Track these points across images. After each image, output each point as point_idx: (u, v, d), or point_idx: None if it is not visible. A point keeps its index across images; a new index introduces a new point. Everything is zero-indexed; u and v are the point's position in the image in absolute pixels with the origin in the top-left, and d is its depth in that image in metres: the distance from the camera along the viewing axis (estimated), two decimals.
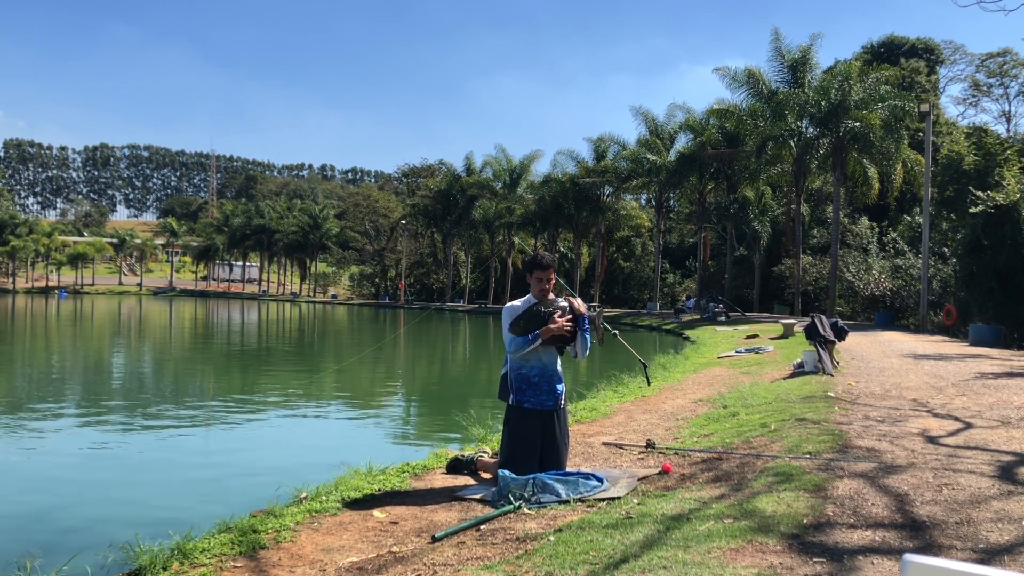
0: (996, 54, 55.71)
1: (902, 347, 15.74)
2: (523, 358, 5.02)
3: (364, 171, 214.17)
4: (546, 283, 5.06)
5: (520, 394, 5.03)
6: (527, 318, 4.99)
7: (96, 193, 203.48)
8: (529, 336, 4.95)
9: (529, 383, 5.03)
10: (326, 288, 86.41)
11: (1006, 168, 21.36)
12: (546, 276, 5.07)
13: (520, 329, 4.99)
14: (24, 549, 4.99)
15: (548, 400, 5.03)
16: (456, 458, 5.67)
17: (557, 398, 5.08)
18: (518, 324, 4.98)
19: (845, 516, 3.68)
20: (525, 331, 4.98)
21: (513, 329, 5.00)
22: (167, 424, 10.51)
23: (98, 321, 39.67)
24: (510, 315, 5.03)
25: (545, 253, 5.19)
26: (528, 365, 5.05)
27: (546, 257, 5.12)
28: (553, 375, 5.08)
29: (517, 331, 4.98)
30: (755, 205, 41.04)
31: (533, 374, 5.05)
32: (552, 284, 5.09)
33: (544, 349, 5.02)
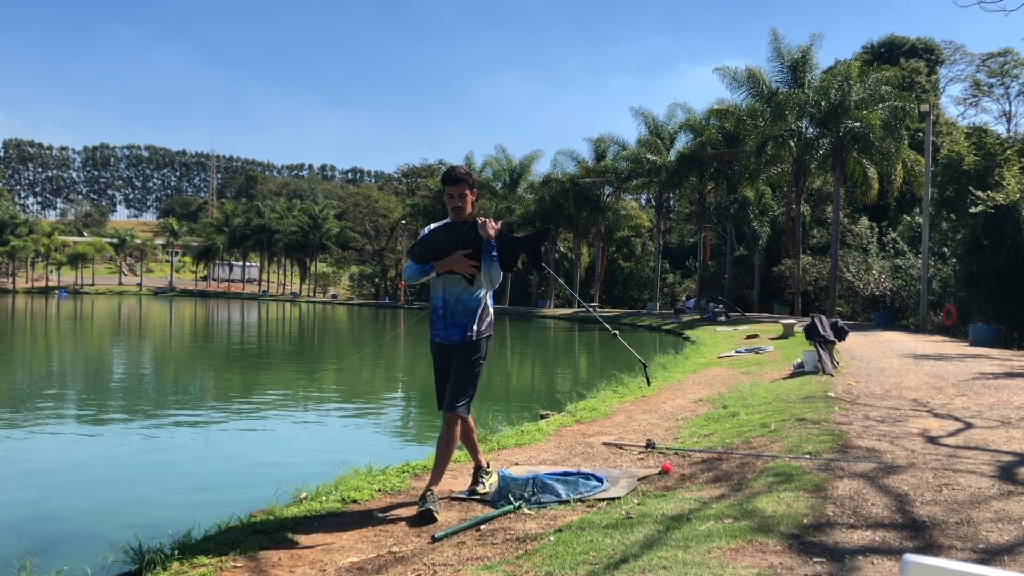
0: (996, 54, 55.73)
1: (902, 347, 15.74)
2: (433, 288, 4.55)
3: (364, 171, 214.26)
4: (458, 200, 4.43)
5: (431, 326, 4.58)
6: (423, 243, 4.39)
7: (96, 193, 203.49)
8: (425, 267, 4.40)
9: (436, 314, 4.55)
10: (326, 288, 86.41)
11: (1006, 168, 21.37)
12: (457, 192, 4.43)
13: (415, 255, 4.43)
14: (24, 549, 4.99)
15: (454, 333, 4.47)
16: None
17: (465, 332, 4.46)
18: (412, 251, 4.45)
19: (845, 516, 3.68)
20: (420, 258, 4.40)
21: (409, 253, 4.50)
22: (167, 424, 10.51)
23: (98, 321, 39.66)
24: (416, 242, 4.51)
25: (458, 166, 4.54)
26: (436, 295, 4.55)
27: (457, 170, 4.46)
28: (458, 306, 4.47)
29: (412, 256, 4.46)
30: (755, 205, 41.05)
31: (439, 305, 4.54)
32: (470, 202, 4.44)
33: (447, 278, 4.44)
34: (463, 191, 4.42)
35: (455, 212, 4.43)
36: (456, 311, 4.46)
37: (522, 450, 6.37)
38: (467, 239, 4.35)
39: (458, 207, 4.42)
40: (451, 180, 4.42)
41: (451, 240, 4.34)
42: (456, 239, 4.34)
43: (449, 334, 4.47)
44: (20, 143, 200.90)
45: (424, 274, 4.39)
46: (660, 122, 43.68)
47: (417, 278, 4.45)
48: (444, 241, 4.34)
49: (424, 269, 4.39)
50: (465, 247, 4.33)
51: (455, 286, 4.45)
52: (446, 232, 4.38)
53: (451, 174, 4.43)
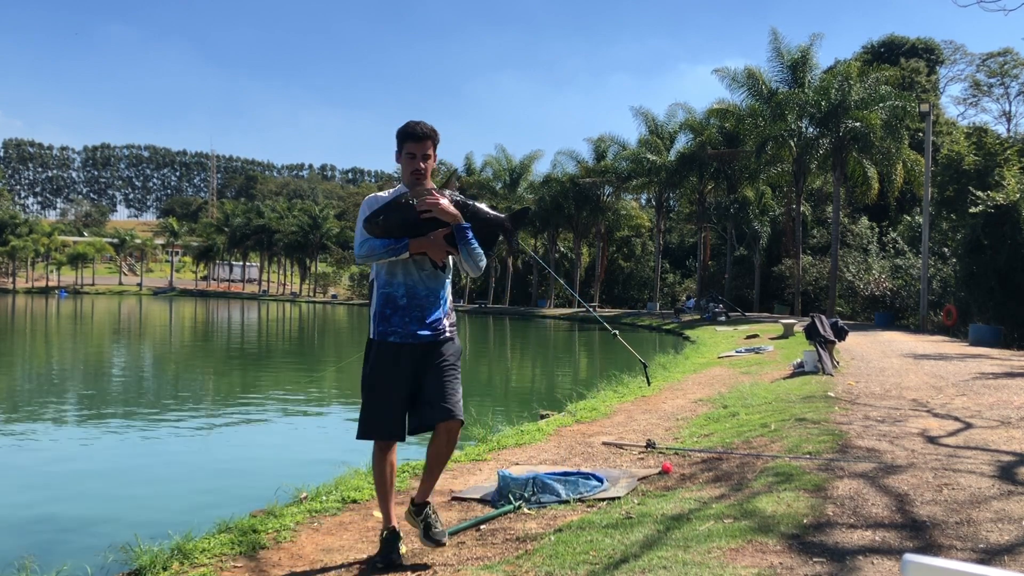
0: (996, 54, 55.71)
1: (902, 347, 15.74)
2: (390, 273, 3.57)
3: (364, 171, 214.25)
4: (420, 161, 3.54)
5: (383, 322, 3.58)
6: (390, 212, 3.43)
7: (96, 193, 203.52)
8: (392, 241, 3.44)
9: (392, 306, 3.57)
10: (326, 288, 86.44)
11: (1006, 168, 21.36)
12: (420, 151, 3.54)
13: (378, 227, 3.42)
14: (24, 549, 4.98)
15: (422, 329, 3.56)
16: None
17: (436, 327, 3.61)
18: (375, 220, 3.42)
19: (845, 516, 3.68)
20: (386, 231, 3.43)
21: (369, 226, 3.43)
22: (167, 424, 10.51)
23: (98, 321, 39.66)
24: (369, 207, 3.50)
25: (421, 121, 3.60)
26: (394, 282, 3.58)
27: (422, 125, 3.56)
28: (428, 296, 3.60)
29: (374, 229, 3.43)
30: (755, 205, 41.05)
31: (398, 294, 3.57)
32: (431, 166, 3.59)
33: (410, 261, 3.55)
34: (428, 150, 3.56)
35: (414, 176, 3.54)
36: (426, 302, 3.58)
37: (522, 450, 6.37)
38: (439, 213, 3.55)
39: (418, 171, 3.53)
40: (415, 136, 3.52)
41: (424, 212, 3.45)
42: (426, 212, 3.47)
43: (416, 330, 3.57)
44: (20, 143, 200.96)
45: (393, 253, 3.45)
46: (660, 122, 43.70)
47: (380, 256, 3.47)
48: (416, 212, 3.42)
49: (394, 246, 3.44)
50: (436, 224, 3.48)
51: (420, 270, 3.57)
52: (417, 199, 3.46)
53: (416, 128, 3.53)
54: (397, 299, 3.58)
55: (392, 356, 3.55)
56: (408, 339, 3.55)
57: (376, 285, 3.65)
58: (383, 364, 3.57)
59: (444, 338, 3.64)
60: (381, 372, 3.56)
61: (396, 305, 3.57)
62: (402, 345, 3.55)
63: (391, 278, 3.60)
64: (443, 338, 3.63)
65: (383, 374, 3.56)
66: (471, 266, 3.56)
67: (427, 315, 3.58)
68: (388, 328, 3.57)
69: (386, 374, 3.55)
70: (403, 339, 3.55)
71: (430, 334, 3.58)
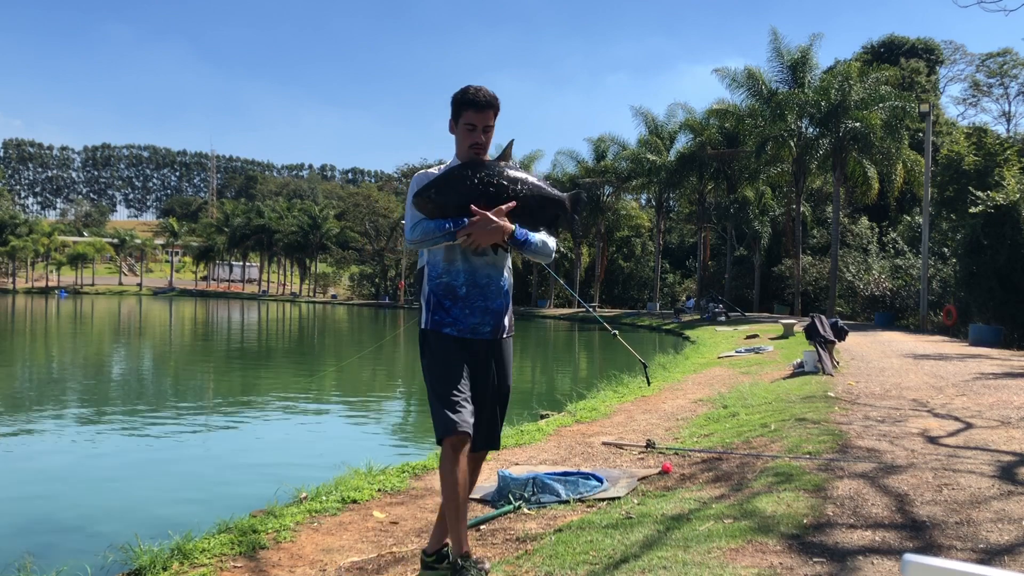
0: (996, 54, 55.73)
1: (902, 347, 15.74)
2: (446, 259, 3.12)
3: (364, 171, 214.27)
4: (481, 134, 3.06)
5: (440, 311, 3.13)
6: (443, 186, 2.98)
7: (96, 193, 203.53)
8: (445, 225, 2.98)
9: (453, 296, 3.13)
10: (326, 288, 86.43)
11: (1006, 168, 21.37)
12: (481, 122, 3.05)
13: (431, 203, 2.97)
14: (24, 549, 4.98)
15: (484, 324, 3.14)
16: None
17: (498, 321, 3.19)
18: (427, 194, 2.97)
19: (845, 516, 3.68)
20: (440, 209, 2.97)
21: (419, 201, 2.99)
22: (167, 424, 10.51)
23: (98, 321, 39.67)
24: (418, 184, 3.07)
25: (482, 87, 3.07)
26: (454, 268, 3.13)
27: (483, 91, 3.05)
28: (491, 285, 3.16)
29: (425, 206, 2.99)
30: (755, 205, 41.07)
31: (458, 281, 3.13)
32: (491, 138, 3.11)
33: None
34: (489, 120, 3.06)
35: (474, 150, 3.06)
36: (487, 291, 3.15)
37: (522, 450, 6.37)
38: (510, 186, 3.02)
39: (479, 143, 3.05)
40: (475, 104, 3.01)
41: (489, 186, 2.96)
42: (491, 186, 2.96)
43: (476, 323, 3.12)
44: (20, 143, 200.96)
45: (449, 236, 2.97)
46: (660, 122, 43.72)
47: (436, 240, 3.00)
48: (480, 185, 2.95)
49: (449, 227, 2.96)
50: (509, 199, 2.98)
51: (481, 254, 3.11)
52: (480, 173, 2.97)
53: (477, 95, 3.02)
54: (457, 288, 3.12)
55: (447, 348, 3.12)
56: (466, 334, 3.12)
57: (429, 272, 3.18)
58: (444, 351, 3.12)
59: (505, 337, 3.25)
60: (444, 358, 3.10)
61: (456, 295, 3.13)
62: (458, 339, 3.13)
63: (449, 264, 3.13)
64: (504, 336, 3.24)
65: (446, 359, 3.10)
66: (540, 257, 3.19)
67: (489, 306, 3.16)
68: (445, 318, 3.13)
69: (450, 359, 3.10)
70: (461, 333, 3.12)
71: (490, 331, 3.17)
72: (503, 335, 3.23)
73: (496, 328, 3.18)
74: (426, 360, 3.17)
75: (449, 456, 2.96)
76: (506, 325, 3.24)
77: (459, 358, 3.09)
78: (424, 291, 3.22)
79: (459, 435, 2.94)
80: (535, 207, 3.09)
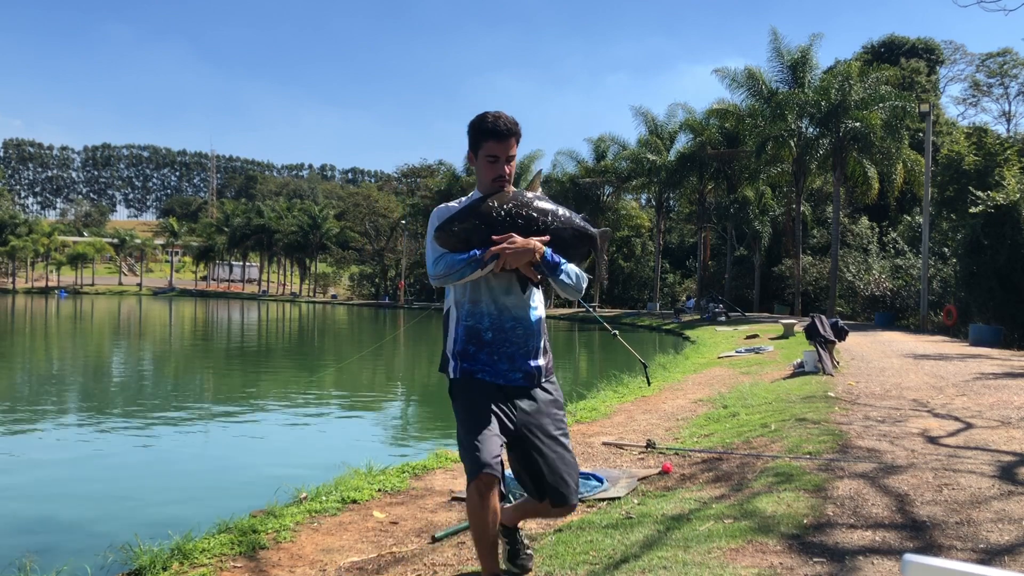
0: (996, 54, 55.74)
1: (902, 347, 15.74)
2: (470, 300, 2.87)
3: (363, 171, 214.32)
4: (504, 165, 2.80)
5: (467, 360, 2.87)
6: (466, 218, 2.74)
7: (96, 193, 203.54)
8: (471, 254, 2.72)
9: (479, 341, 2.86)
10: (326, 288, 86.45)
11: (1006, 168, 21.37)
12: (504, 152, 2.79)
13: (453, 237, 2.73)
14: (24, 549, 4.98)
15: (513, 371, 2.87)
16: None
17: (529, 368, 2.90)
18: (449, 228, 2.73)
19: (845, 516, 3.68)
20: (464, 242, 2.73)
21: (441, 235, 2.75)
22: (167, 424, 10.51)
23: (98, 321, 39.67)
24: (439, 218, 2.82)
25: (501, 113, 2.82)
26: (478, 310, 2.87)
27: (503, 119, 2.79)
28: (519, 328, 2.87)
29: (448, 240, 2.74)
30: (755, 205, 41.08)
31: (483, 325, 2.86)
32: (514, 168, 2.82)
33: (502, 281, 2.83)
34: (512, 149, 2.81)
35: (497, 183, 2.81)
36: (513, 335, 2.87)
37: None
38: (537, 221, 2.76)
39: (502, 176, 2.79)
40: (496, 133, 2.76)
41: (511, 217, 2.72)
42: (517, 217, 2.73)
43: (506, 369, 2.87)
44: (20, 143, 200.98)
45: (479, 265, 2.71)
46: (660, 122, 43.71)
47: (462, 272, 2.73)
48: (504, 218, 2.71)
49: (473, 260, 2.71)
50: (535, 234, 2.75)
51: (506, 294, 2.86)
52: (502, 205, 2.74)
53: (498, 124, 2.76)
54: (482, 332, 2.86)
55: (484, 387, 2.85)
56: (499, 379, 2.86)
57: (455, 315, 2.92)
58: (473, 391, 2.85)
59: (542, 384, 2.93)
60: (472, 398, 2.83)
61: (481, 340, 2.86)
62: (492, 384, 2.85)
63: (474, 306, 2.87)
64: (542, 384, 2.93)
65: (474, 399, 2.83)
66: (570, 291, 2.88)
67: (517, 352, 2.87)
68: (474, 365, 2.86)
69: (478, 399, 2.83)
70: (494, 379, 2.85)
71: (522, 377, 2.88)
72: (540, 382, 2.93)
73: (528, 375, 2.89)
74: (456, 405, 2.90)
75: (474, 498, 2.72)
76: (541, 370, 2.93)
77: (490, 398, 2.82)
78: (448, 338, 2.95)
79: (484, 476, 2.67)
80: (568, 241, 2.85)
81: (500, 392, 2.84)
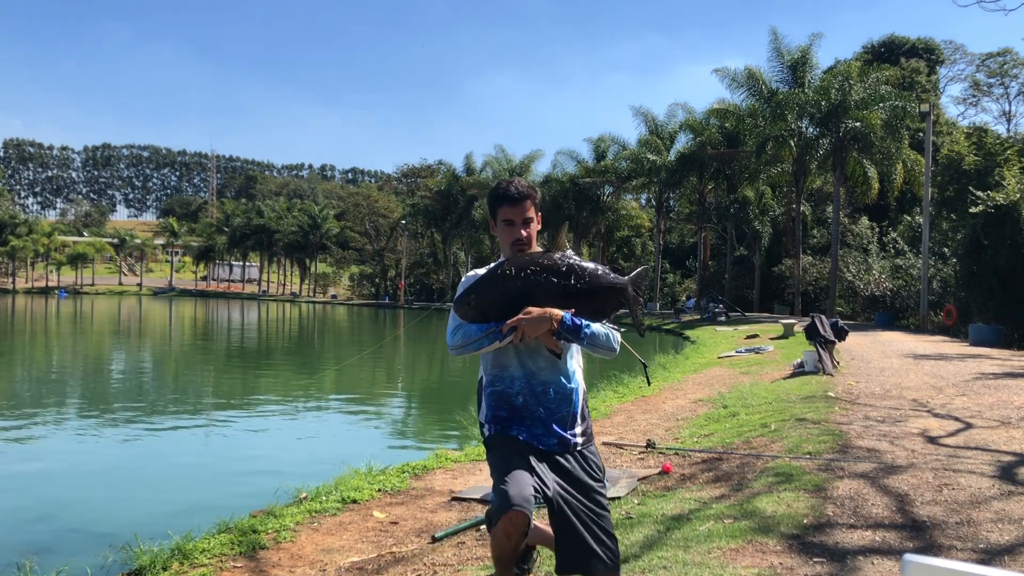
0: (996, 54, 55.73)
1: (902, 347, 15.74)
2: (498, 365, 2.80)
3: (363, 171, 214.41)
4: (521, 229, 2.78)
5: (498, 423, 2.81)
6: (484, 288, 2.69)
7: (96, 193, 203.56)
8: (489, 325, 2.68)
9: (510, 407, 2.78)
10: (326, 288, 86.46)
11: (1006, 168, 21.37)
12: (518, 215, 2.78)
13: (471, 309, 2.69)
14: (24, 549, 4.98)
15: (547, 436, 2.76)
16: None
17: (562, 434, 2.77)
18: (467, 300, 2.70)
19: (845, 516, 3.68)
20: (482, 313, 2.68)
21: (460, 308, 2.73)
22: (167, 424, 10.51)
23: (98, 321, 39.67)
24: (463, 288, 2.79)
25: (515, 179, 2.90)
26: (507, 375, 2.79)
27: (516, 184, 2.82)
28: (549, 392, 2.77)
29: (467, 312, 2.71)
30: (755, 205, 41.08)
31: (513, 389, 2.77)
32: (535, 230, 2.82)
33: (530, 344, 2.72)
34: (527, 212, 2.79)
35: (516, 247, 2.78)
36: (546, 398, 2.77)
37: None
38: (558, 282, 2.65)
39: (520, 240, 2.77)
40: (508, 198, 2.78)
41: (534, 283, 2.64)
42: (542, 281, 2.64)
43: (541, 434, 2.76)
44: (20, 143, 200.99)
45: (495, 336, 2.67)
46: (660, 122, 43.72)
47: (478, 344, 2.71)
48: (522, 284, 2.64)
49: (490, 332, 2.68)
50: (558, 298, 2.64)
51: (536, 357, 2.77)
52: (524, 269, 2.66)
53: (509, 190, 2.80)
54: (512, 397, 2.77)
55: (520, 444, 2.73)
56: (533, 441, 2.75)
57: (484, 381, 2.86)
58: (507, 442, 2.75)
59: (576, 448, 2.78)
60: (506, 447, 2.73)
61: (511, 405, 2.77)
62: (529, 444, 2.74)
63: (501, 371, 2.79)
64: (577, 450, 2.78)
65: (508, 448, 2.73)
66: (601, 352, 2.77)
67: (550, 417, 2.76)
68: (508, 429, 2.78)
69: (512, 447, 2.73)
70: (528, 439, 2.75)
71: (556, 443, 2.76)
72: (575, 448, 2.78)
73: (562, 441, 2.76)
74: (491, 456, 2.79)
75: (499, 536, 2.63)
76: (577, 437, 2.79)
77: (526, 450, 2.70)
78: (482, 406, 2.88)
79: (513, 514, 2.54)
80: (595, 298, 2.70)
81: (537, 452, 2.72)
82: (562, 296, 2.64)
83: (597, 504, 2.74)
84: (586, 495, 2.72)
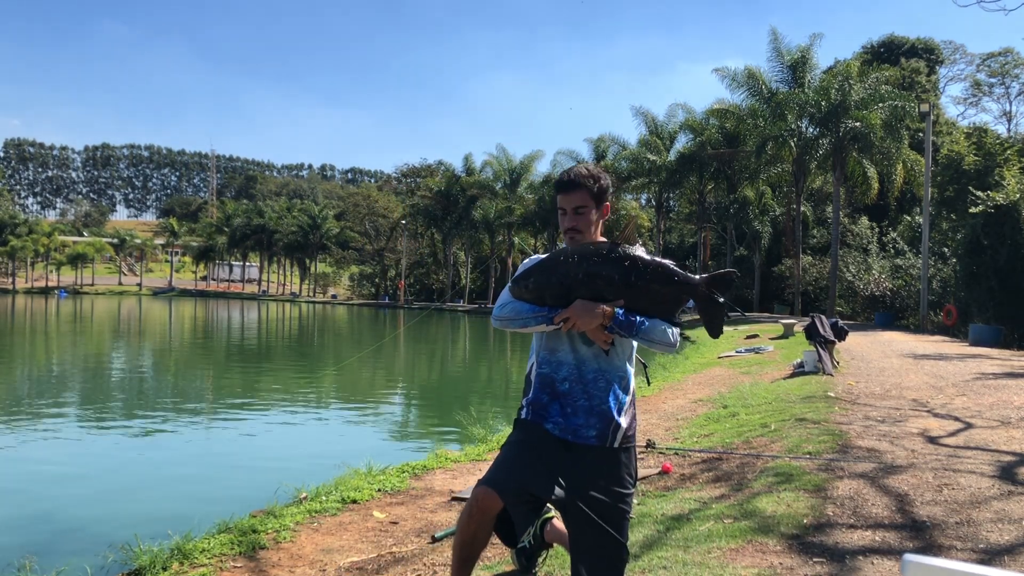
0: (996, 54, 55.76)
1: (902, 347, 15.74)
2: (549, 348, 2.67)
3: (363, 171, 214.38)
4: (572, 218, 2.69)
5: (537, 409, 2.66)
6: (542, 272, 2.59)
7: (96, 193, 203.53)
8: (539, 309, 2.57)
9: (553, 391, 2.66)
10: (326, 288, 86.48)
11: (1006, 168, 21.38)
12: (570, 204, 2.69)
13: (527, 291, 2.59)
14: (24, 549, 4.98)
15: (588, 427, 2.60)
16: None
17: (605, 425, 2.60)
18: (524, 282, 2.58)
19: (845, 516, 3.68)
20: (537, 297, 2.57)
21: (515, 288, 2.62)
22: (167, 424, 10.51)
23: (98, 321, 39.66)
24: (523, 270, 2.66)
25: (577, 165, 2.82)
26: (555, 359, 2.66)
27: (573, 170, 2.75)
28: (600, 381, 2.62)
29: (521, 293, 2.60)
30: (755, 205, 41.08)
31: (559, 374, 2.65)
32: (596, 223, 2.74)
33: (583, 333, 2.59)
34: (581, 200, 2.70)
35: (570, 234, 2.70)
36: (595, 386, 2.63)
37: None
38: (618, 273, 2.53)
39: (573, 228, 2.70)
40: (561, 185, 2.72)
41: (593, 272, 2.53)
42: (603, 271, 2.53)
43: (580, 424, 2.60)
44: (20, 143, 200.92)
45: (543, 320, 2.55)
46: (660, 122, 43.75)
47: (523, 323, 2.59)
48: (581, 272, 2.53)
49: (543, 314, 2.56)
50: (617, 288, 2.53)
51: (588, 343, 2.63)
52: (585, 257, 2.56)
53: (563, 177, 2.73)
54: (557, 383, 2.64)
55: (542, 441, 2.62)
56: (567, 435, 2.60)
57: (533, 362, 2.75)
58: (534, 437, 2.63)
59: (613, 445, 2.61)
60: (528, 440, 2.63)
61: (555, 391, 2.64)
62: (557, 439, 2.60)
63: (551, 354, 2.67)
64: (615, 446, 2.61)
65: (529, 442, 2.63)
66: (657, 348, 2.62)
67: (595, 407, 2.60)
68: (545, 417, 2.64)
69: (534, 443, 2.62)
70: (562, 434, 2.60)
71: (595, 435, 2.59)
72: (613, 444, 2.60)
73: (602, 434, 2.59)
74: (510, 437, 2.72)
75: (467, 507, 2.56)
76: (620, 430, 2.62)
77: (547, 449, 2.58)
78: (528, 386, 2.75)
79: (482, 492, 2.47)
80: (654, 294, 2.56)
81: (564, 450, 2.59)
82: (621, 287, 2.53)
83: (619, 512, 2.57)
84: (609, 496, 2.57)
